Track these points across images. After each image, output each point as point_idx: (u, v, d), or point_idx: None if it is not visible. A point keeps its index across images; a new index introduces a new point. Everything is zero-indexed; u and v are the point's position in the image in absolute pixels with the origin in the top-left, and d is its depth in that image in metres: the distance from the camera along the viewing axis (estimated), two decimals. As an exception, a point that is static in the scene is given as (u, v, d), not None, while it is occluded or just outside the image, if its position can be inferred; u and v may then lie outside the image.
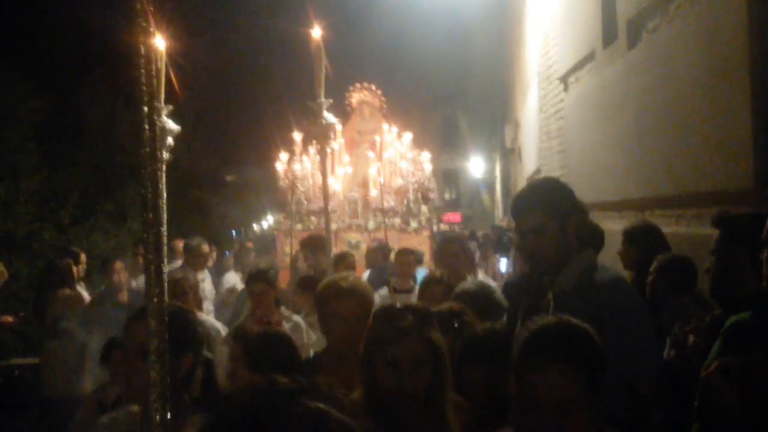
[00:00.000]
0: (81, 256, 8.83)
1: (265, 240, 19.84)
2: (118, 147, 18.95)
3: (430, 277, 4.53)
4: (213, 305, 8.04)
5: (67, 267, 7.84)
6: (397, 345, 2.38)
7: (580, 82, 8.01)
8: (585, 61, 7.65)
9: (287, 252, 11.78)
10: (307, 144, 12.89)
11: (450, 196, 37.78)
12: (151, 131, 1.95)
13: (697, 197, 4.84)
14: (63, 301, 7.24)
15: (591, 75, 7.50)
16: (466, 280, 4.91)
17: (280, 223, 13.14)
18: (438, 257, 5.93)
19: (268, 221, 35.09)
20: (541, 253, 2.83)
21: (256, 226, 39.83)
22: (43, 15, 21.78)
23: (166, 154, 5.17)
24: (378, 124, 13.37)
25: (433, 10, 20.08)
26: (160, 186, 2.00)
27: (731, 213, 2.88)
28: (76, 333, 6.84)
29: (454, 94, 35.64)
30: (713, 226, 2.89)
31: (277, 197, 14.08)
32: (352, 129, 13.65)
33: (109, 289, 7.02)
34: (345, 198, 12.77)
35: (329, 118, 5.01)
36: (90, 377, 5.81)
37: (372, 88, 13.78)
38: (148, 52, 1.95)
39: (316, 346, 4.88)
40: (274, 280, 5.35)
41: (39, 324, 7.37)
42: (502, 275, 8.30)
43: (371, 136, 13.31)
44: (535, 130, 11.19)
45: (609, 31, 6.78)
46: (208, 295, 7.92)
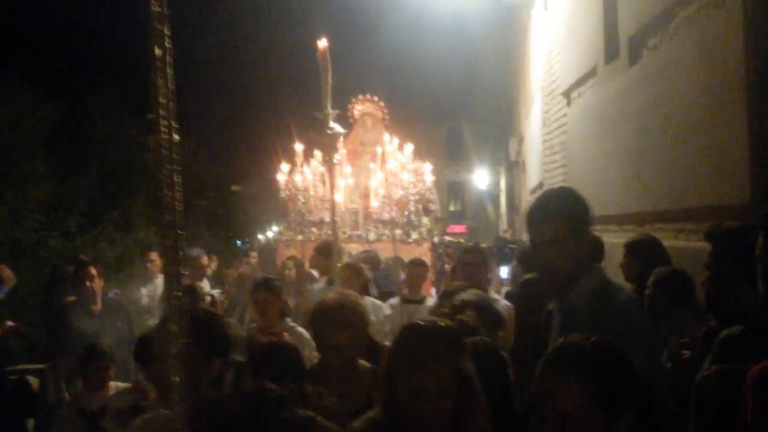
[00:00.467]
0: (90, 268, 8.96)
1: (270, 250, 19.92)
2: (125, 157, 19.11)
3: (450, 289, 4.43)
4: None
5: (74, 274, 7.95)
6: (423, 372, 2.19)
7: (582, 97, 8.10)
8: (587, 76, 7.74)
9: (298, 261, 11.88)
10: (308, 155, 12.96)
11: (455, 208, 37.86)
12: (168, 135, 1.97)
13: (696, 212, 4.91)
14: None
15: (593, 90, 7.59)
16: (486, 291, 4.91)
17: (282, 234, 13.18)
18: (458, 268, 5.83)
19: (272, 231, 35.21)
20: (556, 265, 2.73)
21: (261, 236, 39.95)
22: (51, 25, 22.02)
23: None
24: (380, 136, 13.39)
25: (439, 25, 20.22)
26: (177, 189, 1.99)
27: (723, 227, 2.94)
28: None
29: (459, 107, 35.79)
30: (706, 241, 2.96)
31: (279, 208, 14.15)
32: (354, 140, 13.67)
33: (82, 297, 6.75)
34: (346, 209, 12.81)
35: (336, 127, 5.01)
36: None
37: (375, 99, 13.85)
38: (165, 57, 1.97)
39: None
40: (278, 290, 5.20)
41: (45, 330, 7.46)
42: (503, 282, 8.37)
43: (373, 147, 13.33)
44: (539, 143, 11.27)
45: (611, 48, 6.87)
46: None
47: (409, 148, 12.66)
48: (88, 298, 6.65)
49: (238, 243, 32.44)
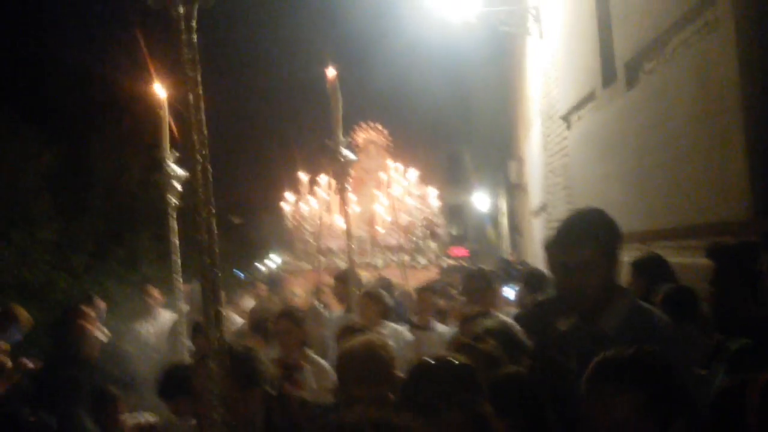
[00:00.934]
0: (99, 303, 9.06)
1: (273, 280, 19.91)
2: (128, 194, 19.23)
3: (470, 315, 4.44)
4: None
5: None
6: (434, 418, 1.95)
7: (582, 120, 8.27)
8: (586, 100, 7.91)
9: (296, 292, 11.89)
10: (313, 184, 13.07)
11: (456, 231, 37.94)
12: (204, 178, 2.00)
13: (697, 229, 5.04)
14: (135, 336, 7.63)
15: (592, 114, 7.76)
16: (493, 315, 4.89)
17: (288, 263, 13.24)
18: (465, 293, 5.87)
19: (273, 261, 35.20)
20: (587, 289, 2.63)
21: (262, 267, 39.93)
22: (54, 66, 22.25)
23: (175, 201, 5.36)
24: (384, 163, 13.56)
25: (436, 52, 20.51)
26: (214, 230, 2.04)
27: (723, 244, 3.05)
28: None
29: (458, 132, 36.04)
30: (708, 258, 3.07)
31: (284, 237, 14.19)
32: (358, 167, 13.78)
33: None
34: (353, 236, 12.88)
35: (348, 155, 5.12)
36: None
37: (378, 126, 14.01)
38: (196, 101, 1.96)
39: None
40: (300, 320, 5.11)
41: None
42: (510, 303, 8.43)
43: (377, 174, 13.50)
44: (540, 166, 11.42)
45: (608, 72, 7.05)
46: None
47: (413, 173, 12.80)
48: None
49: (240, 274, 32.42)
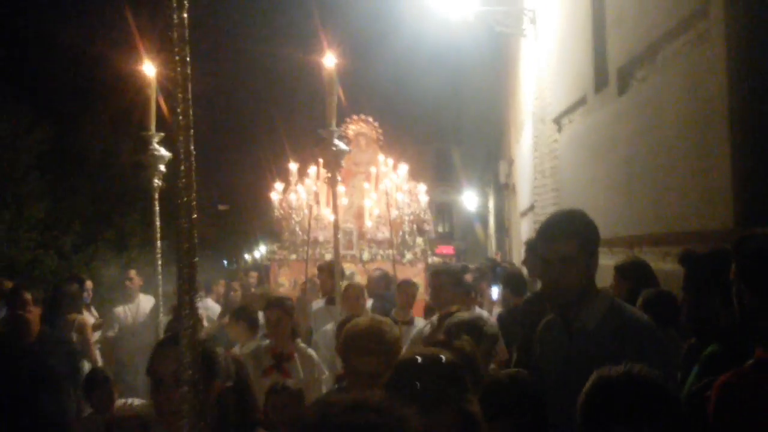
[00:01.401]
0: (87, 282, 9.10)
1: (259, 270, 19.97)
2: (118, 176, 19.26)
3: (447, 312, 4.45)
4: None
5: (76, 292, 8.11)
6: (422, 414, 1.83)
7: (572, 124, 8.38)
8: (577, 104, 8.02)
9: (281, 282, 11.92)
10: (302, 174, 13.08)
11: (443, 229, 38.09)
12: (186, 161, 1.89)
13: (682, 236, 5.15)
14: (70, 326, 7.53)
15: (583, 118, 7.87)
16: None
17: (274, 253, 13.23)
18: (431, 289, 5.93)
19: (260, 251, 35.25)
20: (566, 283, 2.75)
21: (248, 256, 39.96)
22: (46, 46, 22.17)
23: (159, 182, 5.39)
24: (374, 156, 13.50)
25: (432, 49, 20.60)
26: (194, 217, 1.93)
27: (694, 252, 3.15)
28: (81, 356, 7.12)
29: (448, 130, 36.19)
30: (679, 264, 3.18)
31: (272, 227, 14.18)
32: (348, 160, 13.67)
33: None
34: (340, 229, 12.82)
35: (340, 145, 5.09)
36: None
37: (369, 120, 14.01)
38: (184, 82, 1.89)
39: (328, 381, 4.97)
40: (290, 309, 5.15)
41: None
42: (494, 302, 8.54)
43: (367, 167, 13.44)
44: (530, 167, 11.53)
45: (600, 78, 7.15)
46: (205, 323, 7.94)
47: (404, 168, 12.84)
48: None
49: (224, 263, 32.44)
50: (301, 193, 12.82)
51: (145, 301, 8.11)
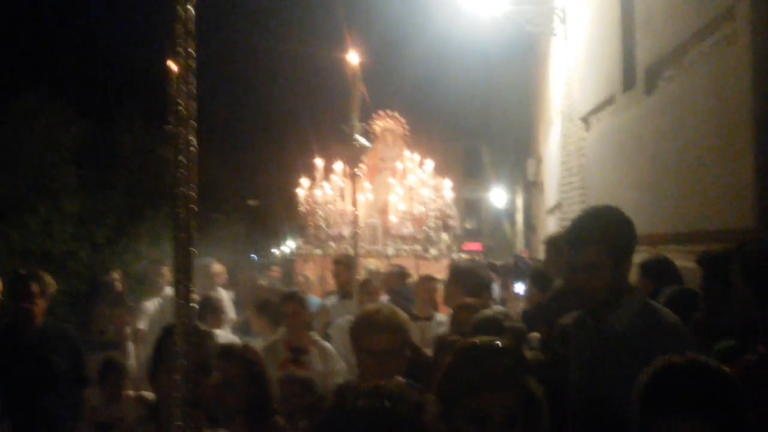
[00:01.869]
0: (113, 274, 9.31)
1: (285, 264, 20.20)
2: (151, 172, 19.61)
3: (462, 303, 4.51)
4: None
5: (112, 283, 8.35)
6: (488, 395, 1.94)
7: (600, 122, 8.42)
8: (605, 103, 8.06)
9: (307, 276, 12.07)
10: (328, 170, 13.20)
11: (471, 226, 38.09)
12: (186, 152, 1.89)
13: (706, 235, 5.21)
14: (107, 317, 7.75)
15: (611, 117, 7.91)
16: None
17: (300, 248, 13.37)
18: (450, 284, 5.80)
19: (288, 246, 35.55)
20: (591, 290, 2.67)
21: (276, 251, 40.31)
22: (82, 45, 22.66)
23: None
24: (400, 152, 13.57)
25: (461, 46, 20.64)
26: (193, 207, 1.92)
27: (710, 252, 3.22)
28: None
29: (477, 127, 36.16)
30: (696, 264, 3.25)
31: (298, 222, 14.33)
32: (374, 156, 13.81)
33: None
34: (365, 224, 12.95)
35: (361, 140, 5.04)
36: None
37: (396, 115, 14.06)
38: (188, 75, 1.90)
39: (344, 372, 4.91)
40: (305, 303, 5.14)
41: (84, 337, 7.85)
42: (518, 297, 8.60)
43: (393, 163, 13.53)
44: (557, 165, 11.57)
45: (628, 77, 7.20)
46: (229, 314, 7.90)
47: (430, 164, 12.89)
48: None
49: (254, 257, 32.78)
50: (326, 188, 12.96)
51: (171, 295, 8.17)
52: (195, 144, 1.90)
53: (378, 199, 13.39)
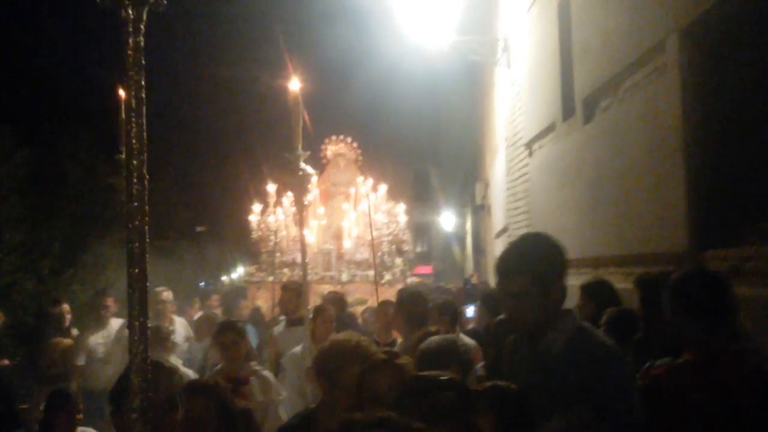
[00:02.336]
0: (64, 306, 9.16)
1: (234, 292, 19.98)
2: (97, 199, 19.29)
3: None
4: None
5: (60, 315, 8.23)
6: (433, 430, 1.91)
7: (542, 149, 8.68)
8: (547, 131, 8.33)
9: (258, 304, 11.97)
10: (281, 196, 13.18)
11: (422, 249, 38.32)
12: (139, 185, 1.88)
13: (643, 257, 5.44)
14: (55, 349, 7.63)
15: (552, 144, 8.18)
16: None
17: (252, 275, 13.27)
18: (398, 309, 5.70)
19: (237, 272, 35.20)
20: (520, 317, 2.77)
21: (225, 278, 39.88)
22: (23, 71, 22.26)
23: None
24: (352, 177, 13.63)
25: (410, 73, 20.96)
26: (146, 242, 1.90)
27: (648, 275, 3.43)
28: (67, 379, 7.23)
29: (427, 151, 36.54)
30: (635, 286, 3.45)
31: (249, 248, 14.22)
32: (326, 181, 13.84)
33: None
34: (319, 249, 12.89)
35: (307, 169, 4.96)
36: None
37: (348, 140, 14.15)
38: (139, 106, 1.89)
39: (286, 402, 4.93)
40: (244, 332, 5.06)
41: (32, 370, 7.70)
42: (468, 320, 8.72)
43: (346, 188, 13.57)
44: (503, 189, 11.84)
45: (567, 107, 7.47)
46: (180, 343, 7.82)
47: (383, 189, 12.97)
48: None
49: (201, 285, 32.35)
50: (279, 214, 12.91)
51: (117, 326, 7.97)
52: (146, 175, 1.90)
53: (331, 224, 13.40)
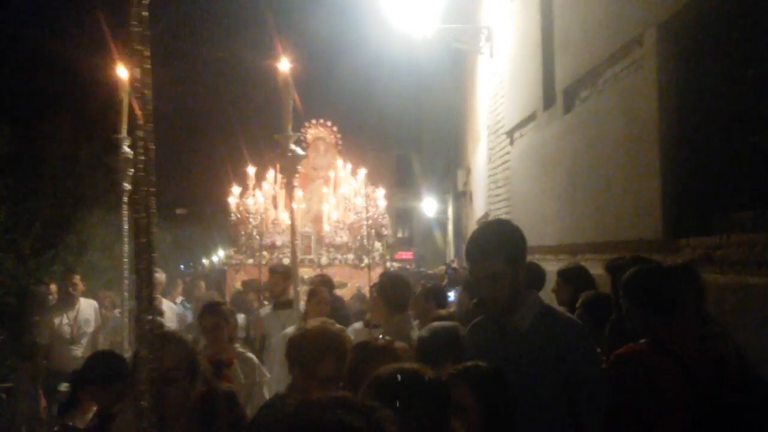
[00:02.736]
0: (51, 286, 9.25)
1: (215, 274, 20.00)
2: (79, 180, 19.20)
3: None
4: None
5: (44, 294, 8.29)
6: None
7: (523, 138, 8.83)
8: (528, 120, 8.47)
9: (237, 287, 12.00)
10: (260, 178, 13.19)
11: (403, 235, 38.51)
12: (145, 155, 1.89)
13: (619, 245, 5.60)
14: (37, 328, 7.71)
15: (533, 133, 8.32)
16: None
17: (231, 258, 13.28)
18: (380, 294, 5.61)
19: (218, 256, 35.19)
20: (496, 298, 2.90)
21: (205, 261, 39.86)
22: (5, 49, 22.03)
23: (128, 185, 5.48)
24: (332, 161, 13.65)
25: (393, 59, 21.03)
26: (153, 211, 1.91)
27: (618, 260, 3.58)
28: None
29: (409, 137, 36.63)
30: (605, 272, 3.62)
31: (229, 232, 14.22)
32: (306, 164, 13.75)
33: None
34: (299, 233, 12.94)
35: (297, 150, 4.97)
36: None
37: (327, 124, 14.17)
38: (144, 78, 1.90)
39: (269, 383, 4.88)
40: (227, 314, 4.99)
41: (15, 348, 7.79)
42: (450, 304, 8.87)
43: (326, 171, 13.57)
44: (485, 177, 11.99)
45: (548, 96, 7.61)
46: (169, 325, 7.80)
47: (362, 173, 13.02)
48: None
49: (181, 268, 32.33)
50: (258, 197, 12.92)
51: (86, 307, 7.95)
52: (152, 146, 1.93)
53: (311, 208, 13.44)
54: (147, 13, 1.91)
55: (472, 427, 2.38)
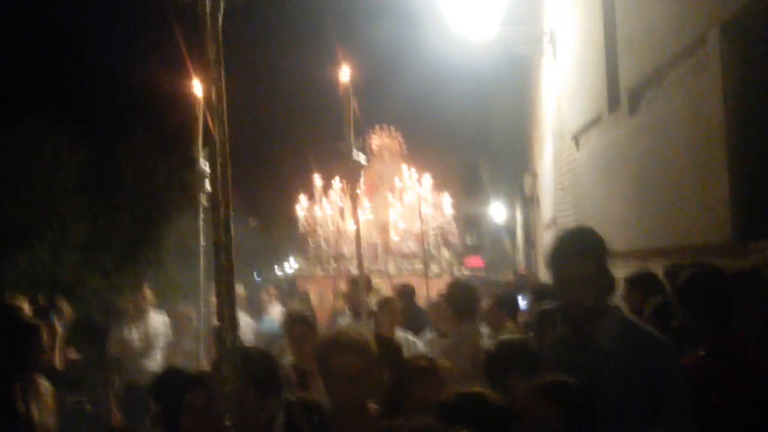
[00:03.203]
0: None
1: (286, 284, 20.27)
2: (155, 195, 19.87)
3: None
4: None
5: (124, 308, 8.61)
6: None
7: (589, 141, 8.70)
8: (593, 123, 8.35)
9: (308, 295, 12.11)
10: (327, 188, 13.29)
11: (471, 242, 38.25)
12: (223, 177, 1.98)
13: (688, 249, 5.47)
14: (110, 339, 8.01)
15: (599, 135, 8.20)
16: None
17: (302, 269, 13.41)
18: (448, 303, 5.73)
19: (290, 265, 35.64)
20: (582, 302, 2.78)
21: (278, 270, 40.43)
22: (84, 69, 23.00)
23: (204, 201, 5.55)
24: (398, 168, 13.63)
25: (455, 64, 20.96)
26: (232, 232, 1.96)
27: (677, 266, 3.54)
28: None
29: (475, 142, 36.40)
30: (665, 278, 3.57)
31: (298, 241, 14.35)
32: (371, 173, 13.84)
33: None
34: (365, 242, 12.94)
35: (359, 155, 4.98)
36: None
37: (392, 131, 14.14)
38: (219, 98, 1.97)
39: None
40: (314, 324, 4.97)
41: (101, 363, 8.13)
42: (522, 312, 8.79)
43: (391, 180, 13.58)
44: (551, 181, 11.85)
45: (613, 98, 7.49)
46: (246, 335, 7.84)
47: (428, 179, 12.92)
48: None
49: (256, 277, 32.87)
50: (325, 207, 13.02)
51: (156, 320, 7.96)
52: (230, 169, 2.08)
53: (377, 217, 13.48)
54: (221, 34, 1.99)
55: None
